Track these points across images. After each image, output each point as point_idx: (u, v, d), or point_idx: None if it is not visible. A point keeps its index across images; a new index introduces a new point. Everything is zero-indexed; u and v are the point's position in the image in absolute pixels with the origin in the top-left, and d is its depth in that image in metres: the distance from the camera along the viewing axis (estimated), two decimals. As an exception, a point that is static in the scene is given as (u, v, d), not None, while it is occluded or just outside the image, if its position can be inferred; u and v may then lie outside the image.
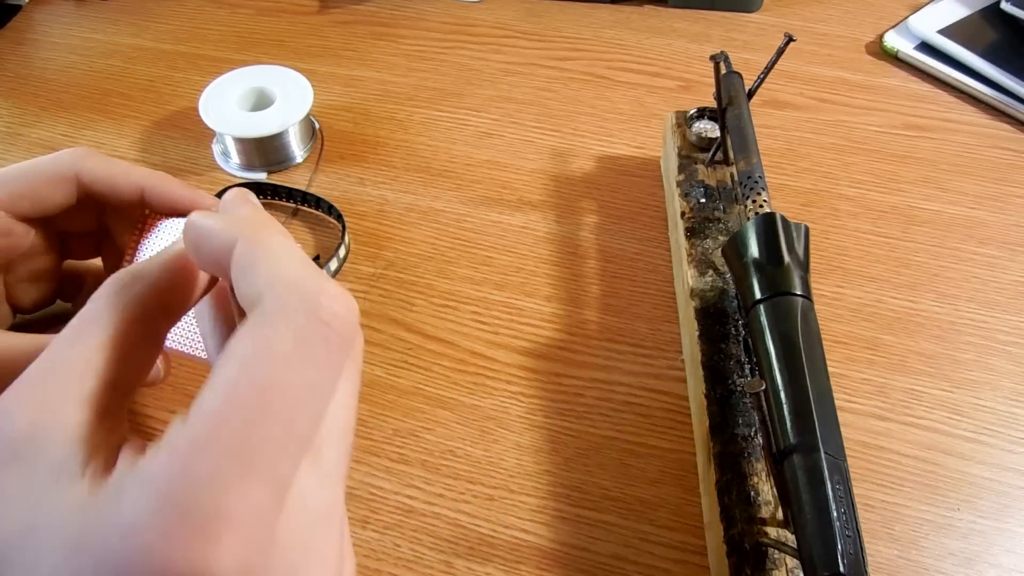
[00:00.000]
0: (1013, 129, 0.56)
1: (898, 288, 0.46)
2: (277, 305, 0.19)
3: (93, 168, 0.34)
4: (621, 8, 0.66)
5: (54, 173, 0.34)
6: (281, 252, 0.20)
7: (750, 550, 0.32)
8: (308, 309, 0.19)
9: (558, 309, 0.45)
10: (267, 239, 0.21)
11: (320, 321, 0.19)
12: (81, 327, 0.21)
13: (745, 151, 0.41)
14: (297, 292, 0.19)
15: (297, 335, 0.18)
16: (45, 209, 0.34)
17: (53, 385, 0.19)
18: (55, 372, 0.20)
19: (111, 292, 0.22)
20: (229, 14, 0.66)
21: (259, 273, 0.20)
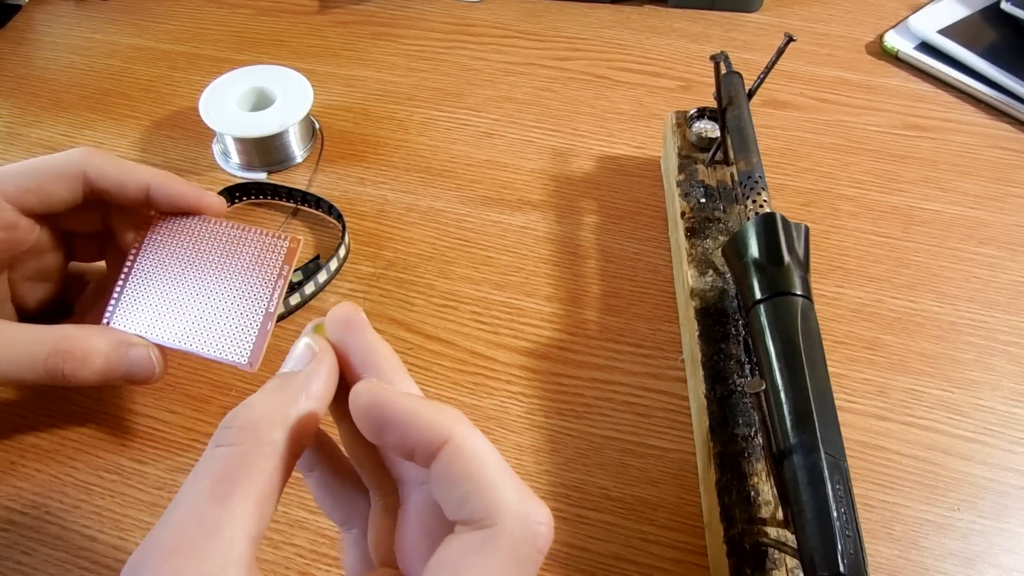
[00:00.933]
0: (1013, 129, 0.56)
1: (898, 288, 0.46)
2: (514, 538, 0.20)
3: (100, 166, 0.35)
4: (621, 8, 0.66)
5: (62, 170, 0.34)
6: (498, 467, 0.21)
7: (750, 550, 0.32)
8: (531, 541, 0.20)
9: (558, 309, 0.45)
10: (482, 448, 0.21)
11: (537, 551, 0.20)
12: (228, 481, 0.20)
13: (745, 151, 0.41)
14: (523, 524, 0.20)
15: (520, 566, 0.20)
16: (52, 205, 0.35)
17: (212, 551, 0.19)
18: (211, 537, 0.19)
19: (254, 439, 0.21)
20: (229, 14, 0.66)
21: (484, 490, 0.20)
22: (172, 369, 0.42)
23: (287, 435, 0.21)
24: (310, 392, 0.23)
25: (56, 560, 0.35)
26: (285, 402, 0.22)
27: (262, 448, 0.21)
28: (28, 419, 0.40)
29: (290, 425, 0.22)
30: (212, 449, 0.21)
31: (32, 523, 0.36)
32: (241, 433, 0.21)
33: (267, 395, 0.22)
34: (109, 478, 0.38)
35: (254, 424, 0.21)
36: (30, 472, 0.38)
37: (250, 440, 0.21)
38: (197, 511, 0.20)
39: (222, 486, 0.20)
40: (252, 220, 0.50)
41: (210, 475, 0.20)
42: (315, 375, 0.23)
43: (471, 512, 0.20)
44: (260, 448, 0.21)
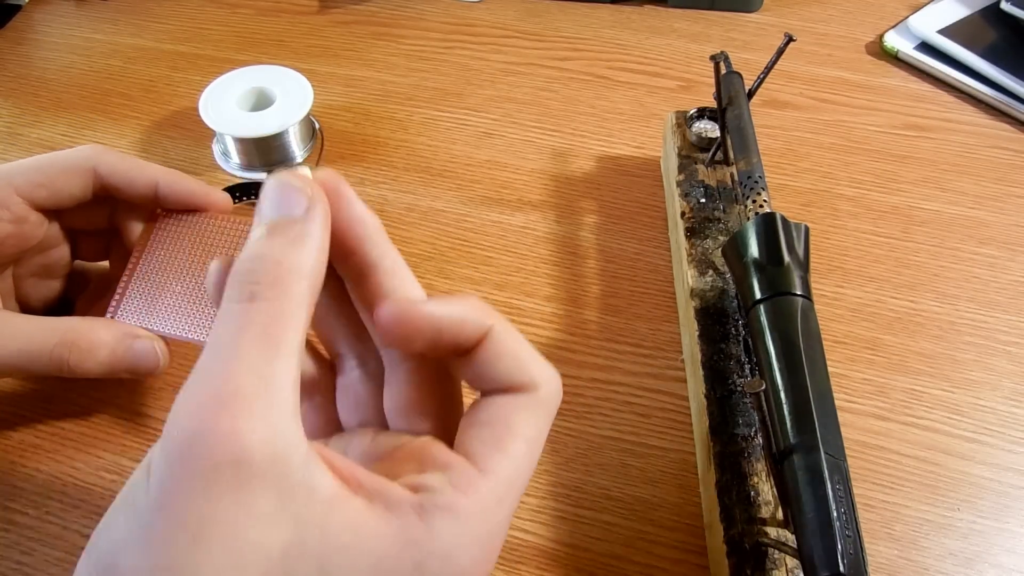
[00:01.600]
0: (1013, 129, 0.56)
1: (898, 288, 0.46)
2: (549, 398, 0.24)
3: (110, 162, 0.35)
4: (621, 8, 0.66)
5: (72, 165, 0.35)
6: (528, 345, 0.24)
7: (750, 550, 0.32)
8: (557, 399, 0.24)
9: (558, 309, 0.45)
10: (514, 331, 0.24)
11: (557, 407, 0.25)
12: (274, 334, 0.20)
13: (745, 151, 0.41)
14: (555, 387, 0.24)
15: (550, 421, 0.24)
16: (61, 200, 0.35)
17: (275, 404, 0.19)
18: (270, 389, 0.19)
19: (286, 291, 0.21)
20: (229, 14, 0.66)
21: (525, 363, 0.23)
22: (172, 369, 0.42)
23: (309, 287, 0.21)
24: (316, 239, 0.22)
25: (56, 560, 0.35)
26: (299, 252, 0.22)
27: (294, 300, 0.21)
28: (28, 419, 0.40)
29: (309, 276, 0.21)
30: (244, 304, 0.20)
31: (32, 523, 0.36)
32: (273, 287, 0.21)
33: (280, 246, 0.22)
34: (109, 478, 0.38)
35: (282, 278, 0.21)
36: (30, 472, 0.38)
37: (283, 293, 0.21)
38: (251, 365, 0.19)
39: (269, 338, 0.20)
40: (252, 220, 0.50)
41: (255, 328, 0.20)
42: (317, 220, 0.22)
43: (515, 381, 0.23)
44: (293, 300, 0.21)
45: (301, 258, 0.21)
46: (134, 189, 0.36)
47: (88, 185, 0.35)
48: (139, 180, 0.36)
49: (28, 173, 0.34)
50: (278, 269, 0.21)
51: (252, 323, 0.20)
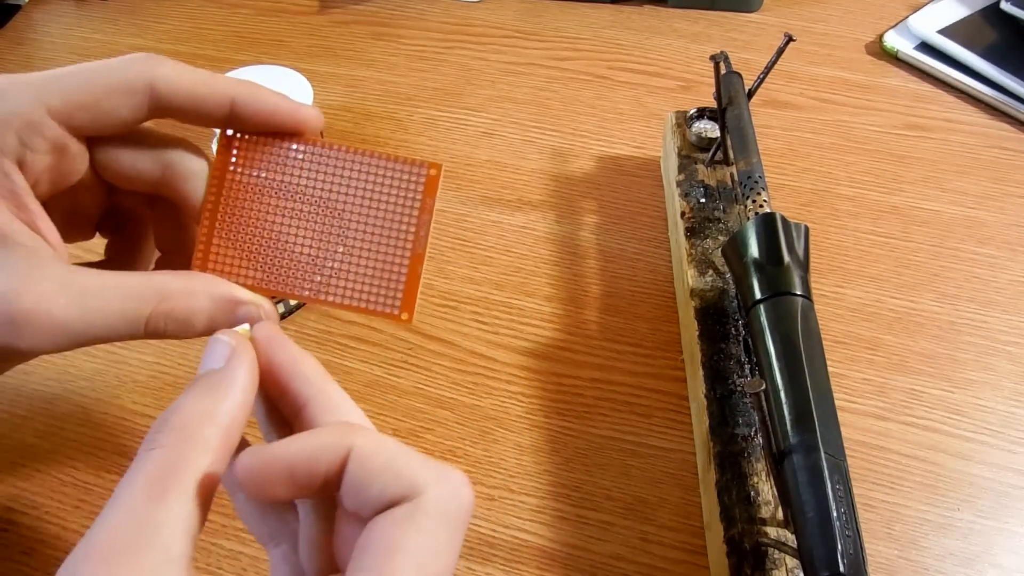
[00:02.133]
0: (1013, 129, 0.56)
1: (898, 288, 0.46)
2: (439, 502, 0.21)
3: (169, 76, 0.27)
4: (621, 8, 0.66)
5: (122, 81, 0.27)
6: (405, 451, 0.21)
7: (750, 550, 0.32)
8: (456, 500, 0.21)
9: (558, 309, 0.45)
10: (383, 441, 0.22)
11: (464, 510, 0.21)
12: (163, 479, 0.20)
13: (745, 151, 0.41)
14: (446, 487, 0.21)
15: (453, 529, 0.21)
16: (107, 126, 0.28)
17: (149, 551, 0.19)
18: (148, 538, 0.19)
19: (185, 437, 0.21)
20: (229, 14, 0.66)
21: (401, 472, 0.21)
22: (172, 368, 0.42)
23: (219, 432, 0.21)
24: (235, 386, 0.23)
25: (56, 560, 0.35)
26: (214, 399, 0.22)
27: (195, 445, 0.21)
28: (28, 419, 0.40)
29: (221, 422, 0.22)
30: (144, 452, 0.21)
31: (32, 523, 0.36)
32: (173, 434, 0.21)
33: (194, 395, 0.22)
34: (109, 478, 0.38)
35: (184, 424, 0.21)
36: (30, 472, 0.38)
37: (182, 439, 0.21)
38: (133, 511, 0.19)
39: (157, 485, 0.20)
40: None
41: (144, 475, 0.20)
42: (238, 368, 0.23)
43: (393, 496, 0.20)
44: (193, 445, 0.21)
45: (212, 405, 0.22)
46: (203, 110, 0.28)
47: (143, 106, 0.27)
48: (209, 98, 0.28)
49: (67, 90, 0.26)
50: (183, 417, 0.21)
51: (142, 471, 0.20)
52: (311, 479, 0.21)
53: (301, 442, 0.21)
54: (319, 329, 0.44)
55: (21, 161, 0.26)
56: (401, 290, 0.29)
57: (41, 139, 0.26)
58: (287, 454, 0.21)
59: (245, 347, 0.24)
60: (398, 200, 0.29)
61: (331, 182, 0.29)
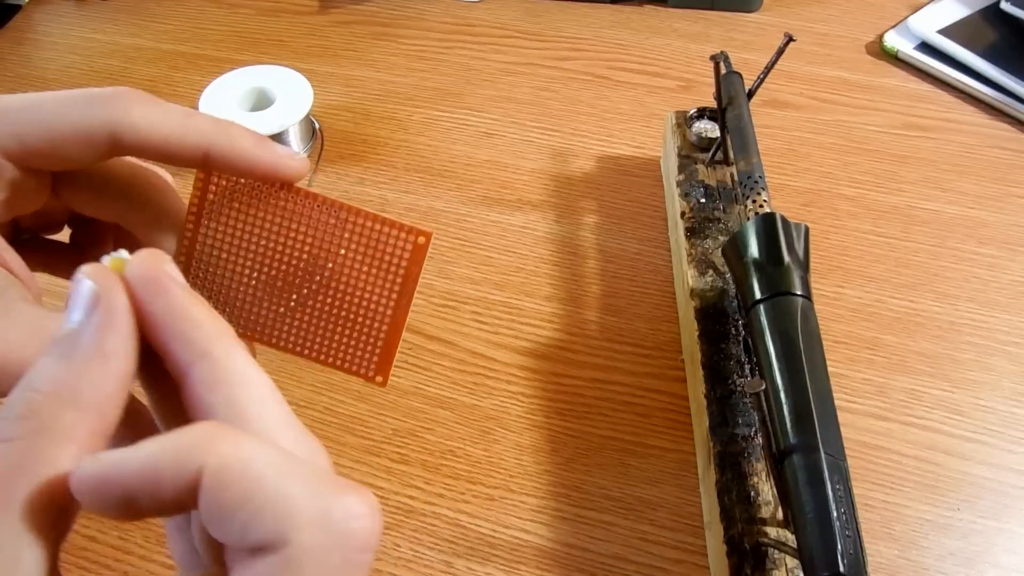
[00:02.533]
0: (1013, 129, 0.56)
1: (898, 288, 0.46)
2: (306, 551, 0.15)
3: (137, 123, 0.24)
4: (621, 8, 0.66)
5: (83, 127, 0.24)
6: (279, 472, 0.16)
7: (750, 550, 0.32)
8: (341, 546, 0.16)
9: (558, 309, 0.45)
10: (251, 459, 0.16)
11: (357, 551, 0.16)
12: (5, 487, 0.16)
13: (745, 151, 0.41)
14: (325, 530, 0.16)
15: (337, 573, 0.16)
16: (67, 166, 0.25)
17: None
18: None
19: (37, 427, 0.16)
20: (229, 14, 0.66)
21: (265, 507, 0.15)
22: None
23: (82, 413, 0.17)
24: (105, 350, 0.17)
25: (56, 560, 0.35)
26: (74, 371, 0.17)
27: (51, 436, 0.16)
28: (28, 419, 0.40)
29: (83, 400, 0.17)
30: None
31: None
32: (22, 424, 0.16)
33: (48, 367, 0.17)
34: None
35: (36, 410, 0.17)
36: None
37: (33, 430, 0.16)
38: None
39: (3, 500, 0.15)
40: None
41: None
42: (107, 327, 0.18)
43: (256, 540, 0.15)
44: (49, 437, 0.16)
45: (72, 379, 0.17)
46: (174, 157, 0.25)
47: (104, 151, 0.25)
48: (181, 147, 0.25)
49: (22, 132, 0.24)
50: (36, 400, 0.17)
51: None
52: (157, 505, 0.16)
53: (142, 454, 0.16)
54: (319, 329, 0.44)
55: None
56: (377, 354, 0.27)
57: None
58: (124, 473, 0.16)
59: (114, 291, 0.18)
60: (381, 265, 0.27)
61: (314, 236, 0.27)
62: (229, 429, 0.17)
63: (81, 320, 0.18)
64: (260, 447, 0.16)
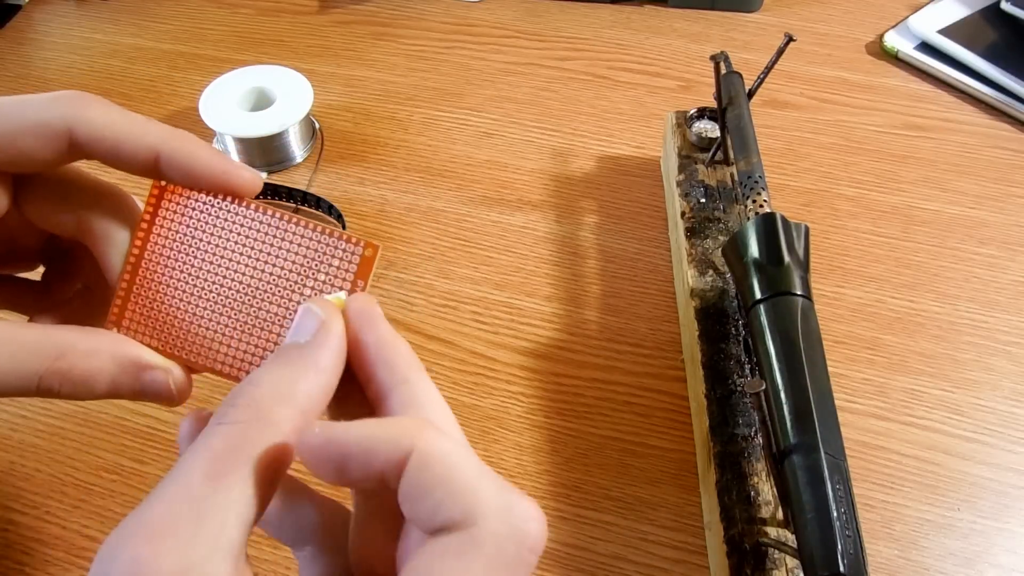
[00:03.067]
0: (1013, 129, 0.56)
1: (898, 288, 0.46)
2: (495, 535, 0.18)
3: (93, 120, 0.26)
4: (621, 8, 0.66)
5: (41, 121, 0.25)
6: (472, 468, 0.19)
7: (750, 550, 0.32)
8: (517, 539, 0.18)
9: (558, 309, 0.45)
10: (451, 450, 0.19)
11: (527, 550, 0.18)
12: (226, 460, 0.18)
13: (745, 151, 0.41)
14: (507, 522, 0.18)
15: (508, 568, 0.18)
16: (24, 165, 0.26)
17: (200, 535, 0.17)
18: (199, 518, 0.18)
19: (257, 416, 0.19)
20: (229, 14, 0.66)
21: (458, 492, 0.18)
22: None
23: (294, 412, 0.20)
24: (319, 365, 0.21)
25: (56, 560, 0.35)
26: (293, 376, 0.20)
27: (266, 426, 0.19)
28: (28, 419, 0.40)
29: (298, 403, 0.20)
30: (213, 426, 0.19)
31: (32, 523, 0.36)
32: (244, 410, 0.19)
33: (273, 369, 0.20)
34: (109, 478, 0.38)
35: (258, 401, 0.20)
36: (30, 472, 0.38)
37: (253, 417, 0.19)
38: (189, 490, 0.18)
39: (219, 464, 0.18)
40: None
41: (208, 452, 0.18)
42: (324, 345, 0.21)
43: (447, 518, 0.18)
44: (264, 426, 0.19)
45: (290, 383, 0.20)
46: (124, 159, 0.26)
47: (62, 149, 0.26)
48: (133, 149, 0.26)
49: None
50: (258, 393, 0.20)
51: (208, 447, 0.19)
52: (365, 472, 0.19)
53: (363, 430, 0.19)
54: (319, 329, 0.44)
55: None
56: None
57: None
58: (345, 440, 0.19)
59: (335, 321, 0.22)
60: (328, 279, 0.27)
61: (261, 251, 0.27)
62: (436, 426, 0.20)
63: (303, 338, 0.21)
64: (460, 445, 0.19)
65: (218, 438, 0.19)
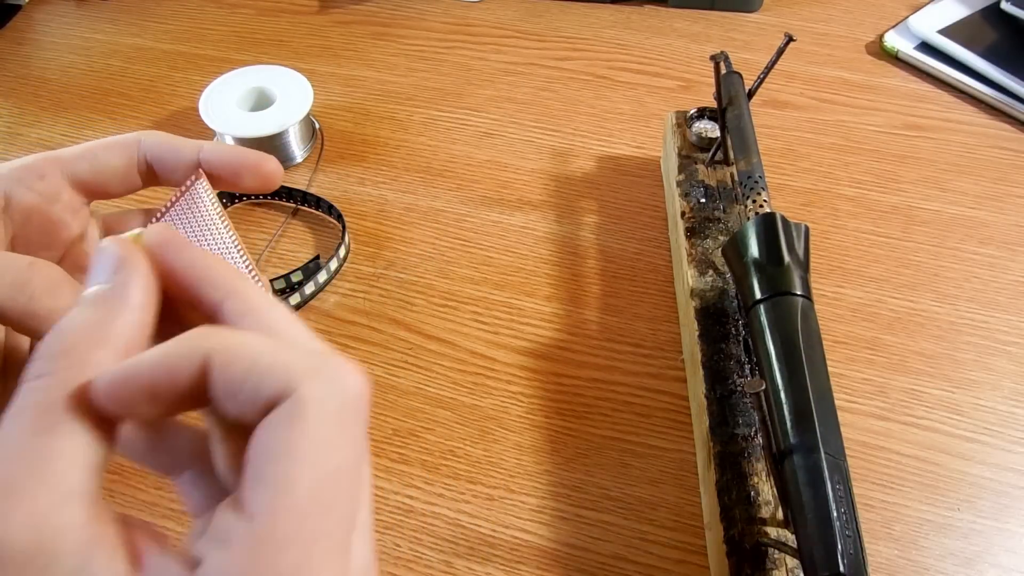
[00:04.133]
0: (1013, 129, 0.56)
1: (898, 288, 0.46)
2: (320, 395, 0.18)
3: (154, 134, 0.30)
4: (621, 8, 0.66)
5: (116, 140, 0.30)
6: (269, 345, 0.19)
7: (750, 550, 0.32)
8: (338, 394, 0.19)
9: (558, 309, 0.45)
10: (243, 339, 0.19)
11: (350, 398, 0.19)
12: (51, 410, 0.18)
13: (745, 151, 0.41)
14: (323, 381, 0.19)
15: (340, 422, 0.19)
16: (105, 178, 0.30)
17: (42, 488, 0.17)
18: (38, 472, 0.17)
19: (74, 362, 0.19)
20: (229, 14, 0.66)
21: (272, 365, 0.18)
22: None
23: (112, 354, 0.19)
24: (129, 302, 0.20)
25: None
26: (102, 318, 0.20)
27: (86, 370, 0.19)
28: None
29: (113, 342, 0.19)
30: (27, 383, 0.19)
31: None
32: (59, 359, 0.19)
33: (79, 315, 0.20)
34: (109, 478, 0.38)
35: (71, 347, 0.19)
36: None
37: (70, 365, 0.19)
38: (20, 448, 0.18)
39: (45, 417, 0.18)
40: (252, 220, 0.50)
41: (30, 407, 0.18)
42: (130, 282, 0.20)
43: (266, 398, 0.18)
44: (83, 369, 0.19)
45: (101, 325, 0.19)
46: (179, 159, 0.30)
47: (132, 161, 0.30)
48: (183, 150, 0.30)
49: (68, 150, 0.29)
50: (70, 339, 0.19)
51: (27, 405, 0.18)
52: (175, 392, 0.19)
53: (155, 355, 0.19)
54: (318, 329, 0.44)
55: None
56: None
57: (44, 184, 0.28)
58: (142, 371, 0.19)
59: (136, 256, 0.21)
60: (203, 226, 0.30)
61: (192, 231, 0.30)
62: (222, 327, 0.20)
63: (108, 279, 0.20)
64: (252, 334, 0.20)
65: (36, 393, 0.18)
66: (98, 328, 0.19)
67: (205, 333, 0.19)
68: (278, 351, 0.19)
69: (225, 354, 0.19)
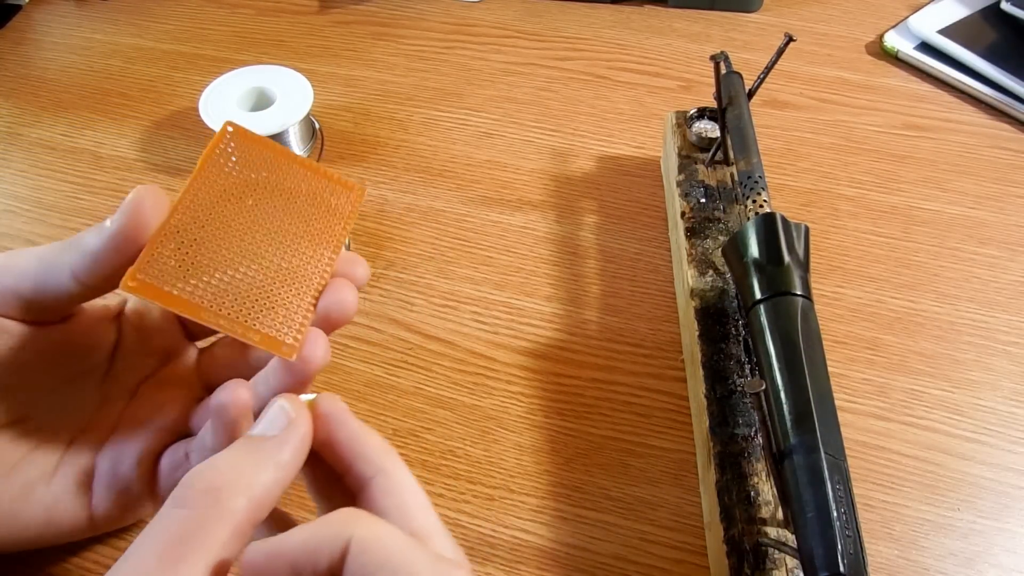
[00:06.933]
0: (1013, 129, 0.56)
1: (898, 288, 0.46)
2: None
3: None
4: (621, 8, 0.66)
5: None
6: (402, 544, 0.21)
7: (750, 550, 0.32)
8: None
9: (558, 309, 0.45)
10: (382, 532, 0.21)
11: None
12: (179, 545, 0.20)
13: (745, 151, 0.41)
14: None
15: None
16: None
17: None
18: None
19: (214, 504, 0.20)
20: (229, 14, 0.66)
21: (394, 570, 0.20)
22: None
23: (249, 503, 0.21)
24: (280, 460, 0.22)
25: (56, 560, 0.35)
26: (253, 468, 0.21)
27: (221, 515, 0.20)
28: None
29: (254, 493, 0.21)
30: (169, 509, 0.20)
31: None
32: (202, 497, 0.20)
33: (234, 457, 0.22)
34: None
35: (217, 489, 0.21)
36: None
37: (209, 505, 0.20)
38: (146, 572, 0.19)
39: (173, 550, 0.19)
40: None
41: (163, 536, 0.20)
42: (287, 443, 0.22)
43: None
44: (219, 515, 0.20)
45: (250, 474, 0.21)
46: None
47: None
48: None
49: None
50: (217, 480, 0.21)
51: (164, 531, 0.20)
52: (314, 570, 0.20)
53: (302, 535, 0.20)
54: (319, 329, 0.44)
55: None
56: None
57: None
58: (289, 549, 0.20)
59: (302, 420, 0.23)
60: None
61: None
62: (366, 512, 0.21)
63: (271, 432, 0.23)
64: (393, 528, 0.21)
65: (174, 523, 0.20)
66: (246, 476, 0.21)
67: (352, 519, 0.21)
68: (409, 553, 0.20)
69: (364, 543, 0.20)
